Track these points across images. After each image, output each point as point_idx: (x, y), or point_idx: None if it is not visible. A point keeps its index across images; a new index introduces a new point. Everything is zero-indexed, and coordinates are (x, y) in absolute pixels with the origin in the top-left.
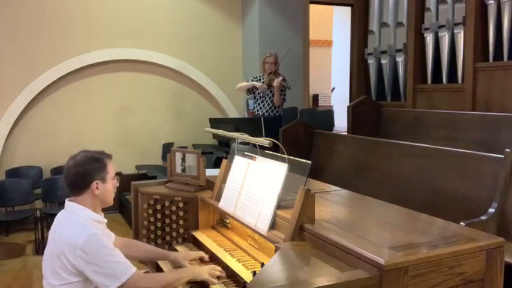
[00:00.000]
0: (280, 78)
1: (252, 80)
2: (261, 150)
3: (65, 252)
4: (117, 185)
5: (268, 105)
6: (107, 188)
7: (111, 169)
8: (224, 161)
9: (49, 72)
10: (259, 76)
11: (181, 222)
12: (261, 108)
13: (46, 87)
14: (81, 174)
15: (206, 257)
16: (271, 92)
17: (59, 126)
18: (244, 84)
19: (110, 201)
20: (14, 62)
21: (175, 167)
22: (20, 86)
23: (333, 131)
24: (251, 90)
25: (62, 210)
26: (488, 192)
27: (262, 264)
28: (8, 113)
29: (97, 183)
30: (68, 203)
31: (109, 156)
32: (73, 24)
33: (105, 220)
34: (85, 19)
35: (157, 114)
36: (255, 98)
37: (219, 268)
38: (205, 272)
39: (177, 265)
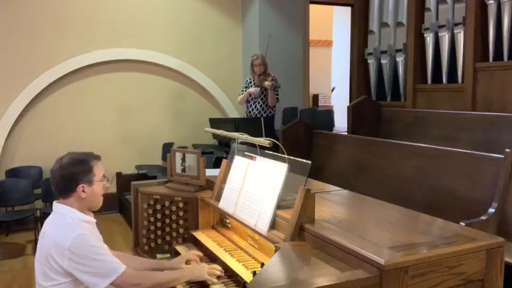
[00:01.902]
0: (270, 78)
1: (245, 83)
2: (261, 150)
3: (52, 254)
4: (108, 185)
5: (260, 106)
6: (95, 190)
7: (99, 171)
8: (224, 161)
9: (49, 72)
10: (250, 78)
11: (181, 222)
12: (253, 109)
13: (46, 87)
14: (66, 178)
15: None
16: (262, 93)
17: (59, 126)
18: (241, 96)
19: (98, 204)
20: (14, 62)
21: (175, 167)
22: (20, 86)
23: (333, 131)
24: (249, 99)
25: (51, 213)
26: (488, 192)
27: (262, 264)
28: (8, 113)
29: (83, 187)
30: (55, 205)
31: (96, 158)
32: (73, 24)
33: (95, 220)
34: (85, 19)
35: (157, 114)
36: (247, 100)
37: (219, 268)
38: (205, 271)
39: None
